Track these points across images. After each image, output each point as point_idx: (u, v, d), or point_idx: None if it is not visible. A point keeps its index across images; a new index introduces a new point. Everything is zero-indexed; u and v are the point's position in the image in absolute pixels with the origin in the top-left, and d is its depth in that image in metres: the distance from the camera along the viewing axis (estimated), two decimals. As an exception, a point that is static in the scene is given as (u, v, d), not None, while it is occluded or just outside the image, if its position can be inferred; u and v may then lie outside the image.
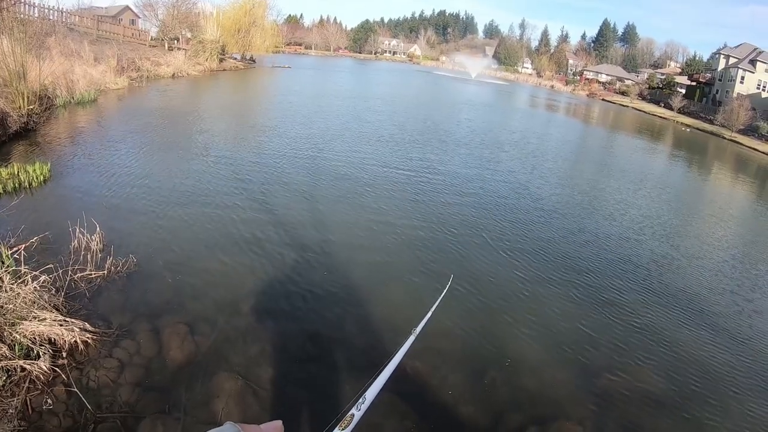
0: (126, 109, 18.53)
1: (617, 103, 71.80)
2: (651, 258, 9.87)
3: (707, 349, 6.72)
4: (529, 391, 5.23)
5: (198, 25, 42.10)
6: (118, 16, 47.64)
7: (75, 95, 17.50)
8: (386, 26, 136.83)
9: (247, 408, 4.36)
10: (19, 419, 3.92)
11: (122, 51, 27.45)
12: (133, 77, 25.09)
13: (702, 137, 44.11)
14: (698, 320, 7.53)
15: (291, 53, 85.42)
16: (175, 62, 32.34)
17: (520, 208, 11.71)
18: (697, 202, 17.06)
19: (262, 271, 6.89)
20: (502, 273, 7.93)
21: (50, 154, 11.03)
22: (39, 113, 13.38)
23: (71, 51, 21.30)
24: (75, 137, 12.97)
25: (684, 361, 6.29)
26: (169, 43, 39.13)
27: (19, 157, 10.51)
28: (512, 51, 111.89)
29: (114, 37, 32.67)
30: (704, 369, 6.19)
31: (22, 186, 8.81)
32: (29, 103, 12.90)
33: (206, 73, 35.56)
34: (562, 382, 5.47)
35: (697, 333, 7.12)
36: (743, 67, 58.75)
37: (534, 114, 41.62)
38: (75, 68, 19.43)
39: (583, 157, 23.00)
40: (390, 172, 12.95)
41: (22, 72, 12.82)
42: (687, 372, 6.05)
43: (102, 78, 21.57)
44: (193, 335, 5.21)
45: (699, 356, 6.48)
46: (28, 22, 15.63)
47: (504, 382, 5.27)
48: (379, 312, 6.24)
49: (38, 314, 4.75)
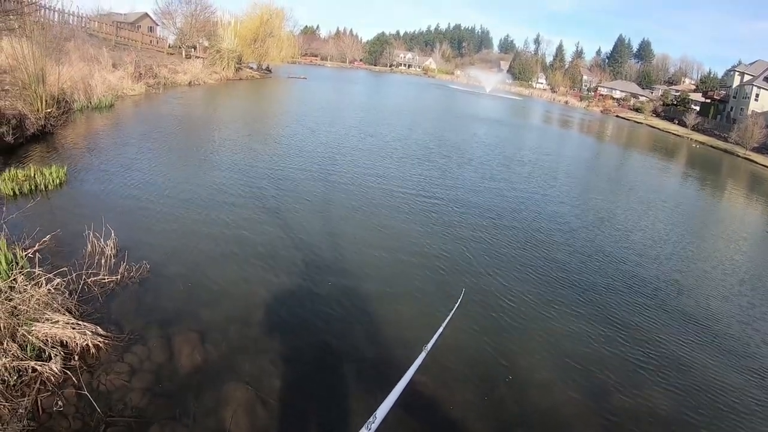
0: (142, 116, 18.76)
1: (631, 120, 71.58)
2: (664, 279, 9.73)
3: (719, 372, 6.58)
4: (539, 409, 5.16)
5: (215, 33, 42.69)
6: (136, 23, 48.37)
7: (92, 100, 17.77)
8: (402, 39, 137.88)
9: (255, 419, 4.34)
10: (29, 419, 3.94)
11: (140, 58, 27.86)
12: (150, 84, 25.43)
13: (716, 155, 43.77)
14: (710, 343, 7.40)
15: (307, 64, 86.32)
16: (192, 70, 32.77)
17: (533, 225, 11.62)
18: (709, 223, 16.84)
19: (274, 281, 6.89)
20: (513, 290, 7.85)
21: (66, 157, 11.17)
22: (56, 117, 13.59)
23: (90, 56, 21.65)
24: (91, 142, 13.13)
25: (695, 383, 6.17)
26: (186, 51, 39.70)
27: (35, 159, 10.65)
28: (527, 66, 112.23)
29: (132, 44, 33.23)
30: (715, 392, 6.06)
31: (38, 188, 8.91)
32: (47, 107, 13.10)
33: (223, 82, 35.98)
34: (573, 401, 5.39)
35: (708, 356, 6.98)
36: (758, 85, 58.42)
37: (547, 130, 41.51)
38: (93, 73, 19.74)
39: (596, 175, 22.85)
40: (404, 186, 12.93)
41: (41, 75, 13.04)
42: (698, 395, 5.94)
43: (119, 84, 21.90)
44: (204, 343, 5.21)
45: (710, 380, 6.35)
46: (48, 26, 15.87)
47: (514, 400, 5.20)
48: (391, 326, 6.20)
49: (51, 316, 4.78)
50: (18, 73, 13.10)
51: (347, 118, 25.74)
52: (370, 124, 24.23)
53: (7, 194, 8.44)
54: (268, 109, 27.52)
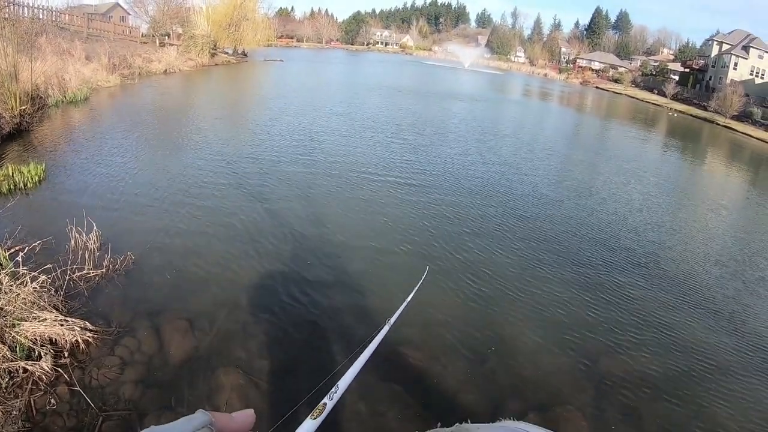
0: (119, 107, 18.44)
1: (611, 91, 71.71)
2: (646, 246, 9.93)
3: (705, 334, 6.79)
4: (528, 377, 5.29)
5: (188, 20, 41.81)
6: (108, 14, 47.18)
7: (67, 94, 17.38)
8: (378, 17, 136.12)
9: (248, 401, 4.40)
10: (23, 420, 3.94)
11: (113, 48, 27.23)
12: (125, 74, 24.91)
13: (696, 124, 44.18)
14: (696, 306, 7.61)
15: (283, 46, 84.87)
16: (166, 58, 32.15)
17: (514, 196, 11.76)
18: (691, 190, 17.14)
19: (258, 265, 6.93)
20: (496, 260, 7.98)
21: (44, 154, 10.99)
22: (32, 113, 13.31)
23: (63, 50, 21.16)
24: (68, 137, 12.92)
25: (682, 346, 6.36)
26: (160, 39, 38.87)
27: (13, 158, 10.46)
28: (505, 40, 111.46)
29: (105, 35, 32.45)
30: (702, 354, 6.26)
31: (17, 187, 8.78)
32: (21, 104, 12.83)
33: (198, 68, 35.36)
34: (561, 367, 5.53)
35: (695, 318, 7.19)
36: (736, 54, 58.72)
37: (527, 103, 41.56)
38: (67, 67, 19.31)
39: (575, 146, 22.99)
40: (379, 165, 12.96)
41: (13, 72, 12.74)
42: (685, 357, 6.13)
43: (94, 76, 21.43)
44: (194, 330, 5.25)
45: (697, 341, 6.55)
46: (18, 22, 15.47)
47: (503, 370, 5.33)
48: (377, 302, 6.28)
49: (38, 315, 4.77)
50: (-11, 72, 12.80)
51: (322, 99, 25.57)
52: (345, 105, 24.07)
53: (-15, 194, 8.32)
54: (245, 94, 27.21)
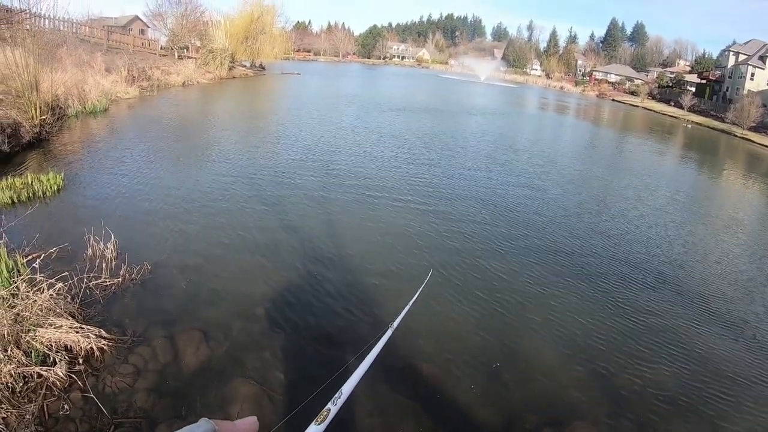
0: (137, 118, 18.73)
1: (627, 103, 71.31)
2: (666, 259, 9.76)
3: (724, 352, 6.61)
4: (544, 391, 5.19)
5: (207, 33, 42.48)
6: (127, 27, 48.15)
7: (87, 105, 17.73)
8: (394, 31, 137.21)
9: (261, 413, 4.36)
10: (36, 425, 3.97)
11: (133, 61, 27.74)
12: (144, 86, 25.35)
13: (714, 135, 43.64)
14: (714, 323, 7.42)
15: (300, 60, 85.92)
16: (185, 71, 32.67)
17: (529, 208, 11.66)
18: (708, 204, 16.83)
19: (273, 277, 6.92)
20: (515, 273, 7.88)
21: (63, 163, 11.17)
22: (51, 123, 13.56)
23: (83, 61, 21.58)
24: (87, 147, 13.13)
25: (700, 364, 6.20)
26: (178, 52, 39.52)
27: (32, 166, 10.66)
28: (521, 53, 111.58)
29: (124, 47, 33.07)
30: (721, 372, 6.09)
31: (36, 195, 8.92)
32: (42, 114, 13.08)
33: (216, 81, 35.86)
34: (577, 382, 5.42)
35: (713, 336, 7.01)
36: (753, 64, 58.12)
37: (543, 116, 41.45)
38: (87, 78, 19.69)
39: (592, 159, 22.83)
40: (400, 177, 12.96)
41: (34, 83, 13.02)
42: (702, 374, 5.97)
43: (113, 88, 21.84)
44: (208, 341, 5.24)
45: (714, 359, 6.38)
46: (40, 33, 15.81)
47: (518, 383, 5.24)
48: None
49: (54, 321, 4.81)
50: (11, 82, 13.07)
51: (339, 113, 25.60)
52: (361, 119, 24.13)
53: (5, 203, 8.45)
54: (263, 107, 27.43)
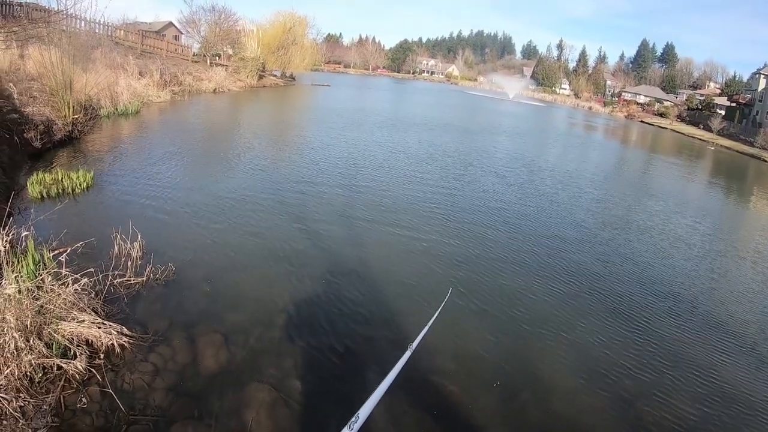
0: (168, 122, 19.08)
1: (656, 125, 70.31)
2: (688, 287, 9.42)
3: (748, 384, 6.34)
4: (561, 416, 5.02)
5: (239, 42, 43.31)
6: (161, 32, 49.27)
7: (119, 107, 18.13)
8: (424, 46, 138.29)
9: (277, 419, 4.31)
10: (52, 416, 3.98)
11: (165, 65, 28.39)
12: (176, 91, 25.90)
13: (743, 160, 42.65)
14: (741, 354, 7.12)
15: (330, 71, 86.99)
16: (216, 78, 33.30)
17: (557, 231, 11.46)
18: (736, 232, 16.35)
19: (296, 285, 6.87)
20: (536, 295, 7.71)
21: (93, 162, 11.39)
22: (83, 122, 13.89)
23: (116, 64, 22.13)
24: (118, 147, 13.39)
25: (722, 394, 5.93)
26: (210, 59, 40.33)
27: (63, 164, 10.89)
28: (550, 72, 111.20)
29: (157, 52, 33.85)
30: (745, 403, 5.82)
31: (65, 192, 9.10)
32: (74, 113, 13.41)
33: (247, 89, 36.42)
34: (596, 408, 5.24)
35: (738, 367, 6.72)
36: (785, 88, 56.92)
37: (571, 136, 40.96)
38: (119, 81, 20.16)
39: (619, 180, 22.40)
40: (425, 195, 12.85)
41: (68, 82, 13.37)
42: (726, 405, 5.70)
43: (145, 91, 22.35)
44: (228, 345, 5.22)
45: (739, 390, 6.11)
46: (75, 34, 16.25)
47: (535, 406, 5.07)
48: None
49: (77, 315, 4.84)
50: (46, 80, 13.47)
51: (368, 126, 25.62)
52: (390, 134, 24.03)
53: (35, 197, 8.65)
54: (292, 117, 27.63)
